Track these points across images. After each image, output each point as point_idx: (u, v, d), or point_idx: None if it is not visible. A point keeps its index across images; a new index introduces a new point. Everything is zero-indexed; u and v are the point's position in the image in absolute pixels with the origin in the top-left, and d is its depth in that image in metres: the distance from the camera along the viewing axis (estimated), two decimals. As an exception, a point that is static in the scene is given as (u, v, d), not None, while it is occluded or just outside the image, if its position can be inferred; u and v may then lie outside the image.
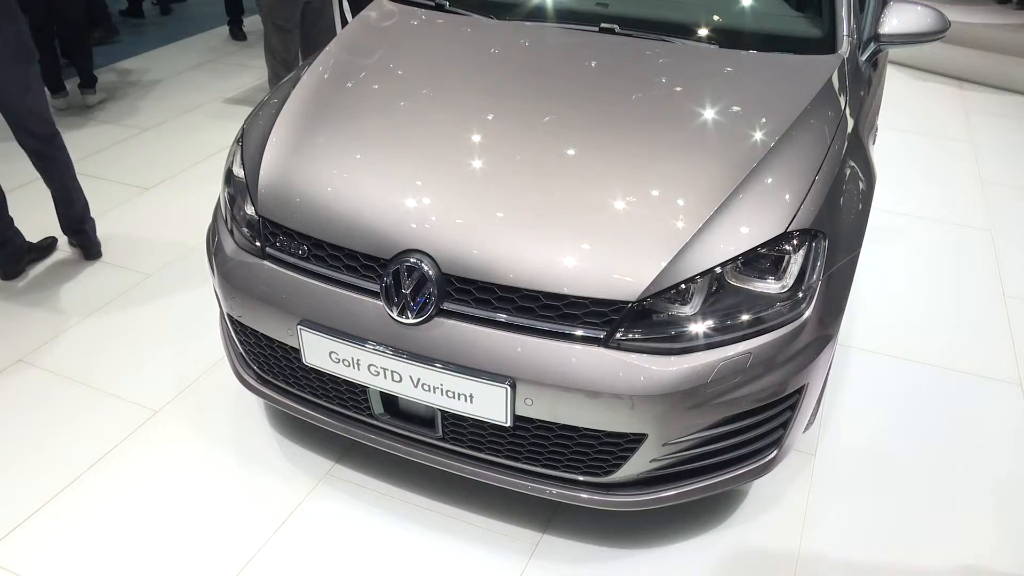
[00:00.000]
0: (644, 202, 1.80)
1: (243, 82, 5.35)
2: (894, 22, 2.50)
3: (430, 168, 1.93)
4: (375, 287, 1.83)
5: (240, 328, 2.11)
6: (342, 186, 1.93)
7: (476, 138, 2.01)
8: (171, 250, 3.36)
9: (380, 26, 2.66)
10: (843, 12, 2.42)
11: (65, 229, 3.27)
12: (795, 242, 1.77)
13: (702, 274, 1.70)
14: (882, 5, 2.69)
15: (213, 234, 2.20)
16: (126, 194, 3.83)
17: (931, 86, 5.87)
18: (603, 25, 2.41)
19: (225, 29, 6.42)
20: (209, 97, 5.02)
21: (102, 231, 3.39)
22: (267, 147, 2.11)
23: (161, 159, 4.20)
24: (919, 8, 2.53)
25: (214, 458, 2.31)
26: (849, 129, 2.13)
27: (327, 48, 2.55)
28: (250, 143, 2.18)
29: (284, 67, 3.99)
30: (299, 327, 1.88)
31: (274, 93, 2.42)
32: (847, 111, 2.17)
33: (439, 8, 2.62)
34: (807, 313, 1.78)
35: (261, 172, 2.05)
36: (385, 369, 1.82)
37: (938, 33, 2.51)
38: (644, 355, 1.70)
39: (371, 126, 2.11)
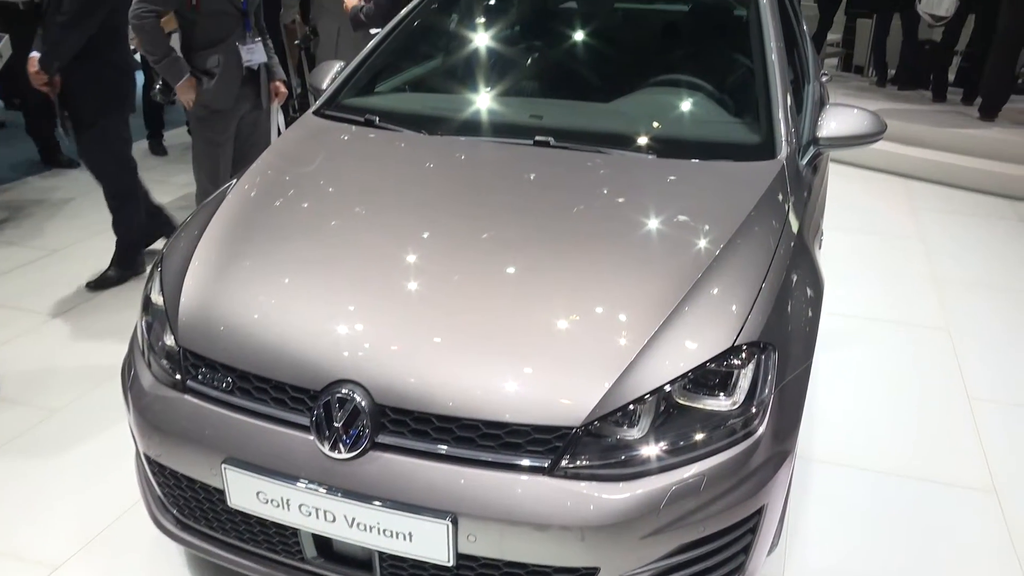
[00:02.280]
0: (587, 320, 1.87)
1: (161, 200, 5.39)
2: (832, 125, 2.68)
3: (362, 292, 1.97)
4: (305, 421, 1.84)
5: (158, 469, 2.08)
6: (269, 313, 1.96)
7: (411, 258, 2.08)
8: (80, 384, 3.30)
9: (309, 143, 2.75)
10: (780, 116, 2.58)
11: None
12: (744, 356, 1.85)
13: (649, 394, 1.76)
14: (819, 109, 2.89)
15: (129, 366, 2.19)
16: (31, 322, 3.79)
17: (878, 184, 6.21)
18: (538, 138, 2.54)
19: (144, 143, 6.51)
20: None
21: (2, 363, 3.33)
22: (188, 272, 2.14)
23: (70, 284, 4.17)
24: (855, 111, 2.72)
25: (125, 618, 2.23)
26: (793, 235, 2.25)
27: (253, 165, 2.62)
28: (170, 268, 2.21)
29: (214, 184, 4.01)
30: (223, 466, 1.87)
31: (196, 214, 2.47)
32: (790, 216, 2.29)
33: (369, 124, 2.73)
34: (761, 429, 1.83)
35: (182, 299, 2.07)
36: (317, 509, 1.81)
37: (875, 135, 2.70)
38: (592, 482, 1.72)
39: (300, 248, 2.16)
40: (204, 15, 3.74)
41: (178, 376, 2.01)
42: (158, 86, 3.93)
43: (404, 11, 3.26)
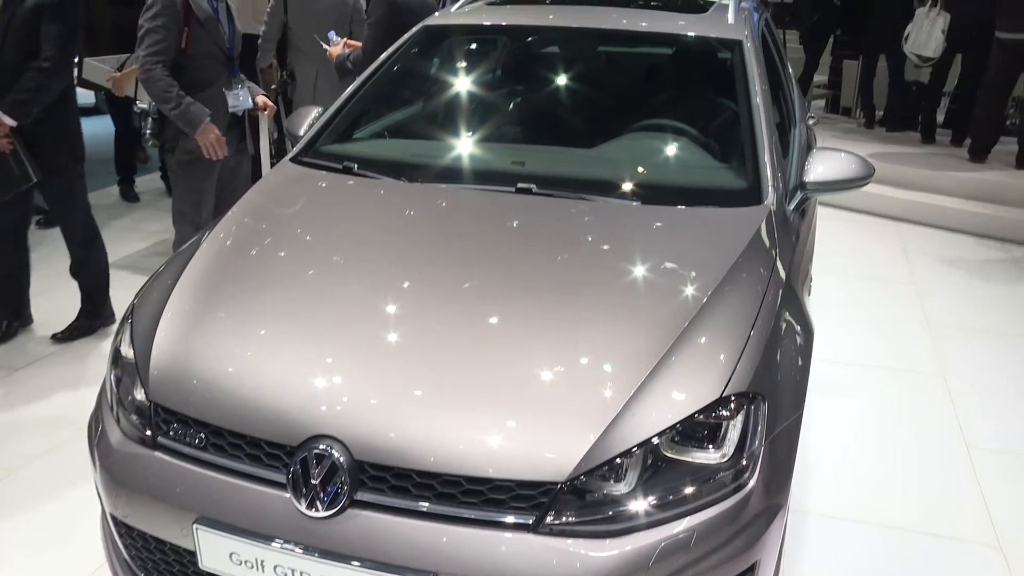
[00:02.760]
0: (571, 372, 1.89)
1: (132, 248, 5.41)
2: (819, 169, 2.74)
3: (341, 344, 1.99)
4: (281, 478, 1.83)
5: (125, 530, 2.06)
6: (244, 366, 1.97)
7: (391, 309, 2.10)
8: (42, 441, 3.27)
9: (286, 190, 2.78)
10: (766, 161, 2.64)
11: None
12: (733, 406, 1.86)
13: (636, 447, 1.77)
14: (806, 152, 2.96)
15: (96, 422, 2.18)
16: (-7, 377, 3.77)
17: (868, 228, 6.31)
18: (520, 185, 2.58)
19: (115, 189, 6.53)
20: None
21: (-38, 421, 3.31)
22: (161, 323, 2.14)
23: (34, 337, 4.16)
24: (842, 155, 2.78)
25: None
26: (782, 281, 2.29)
27: (229, 213, 2.65)
28: (141, 319, 2.21)
29: (195, 232, 4.02)
30: (195, 526, 1.86)
31: (169, 263, 2.48)
32: (778, 263, 2.33)
33: (347, 171, 2.77)
34: (752, 482, 1.84)
35: (153, 352, 2.07)
36: (294, 570, 1.80)
37: (863, 179, 2.76)
38: (579, 539, 1.72)
39: (277, 298, 2.17)
40: (192, 58, 3.81)
41: (148, 432, 2.00)
42: (148, 131, 3.96)
43: (383, 56, 3.32)
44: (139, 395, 2.06)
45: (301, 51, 5.24)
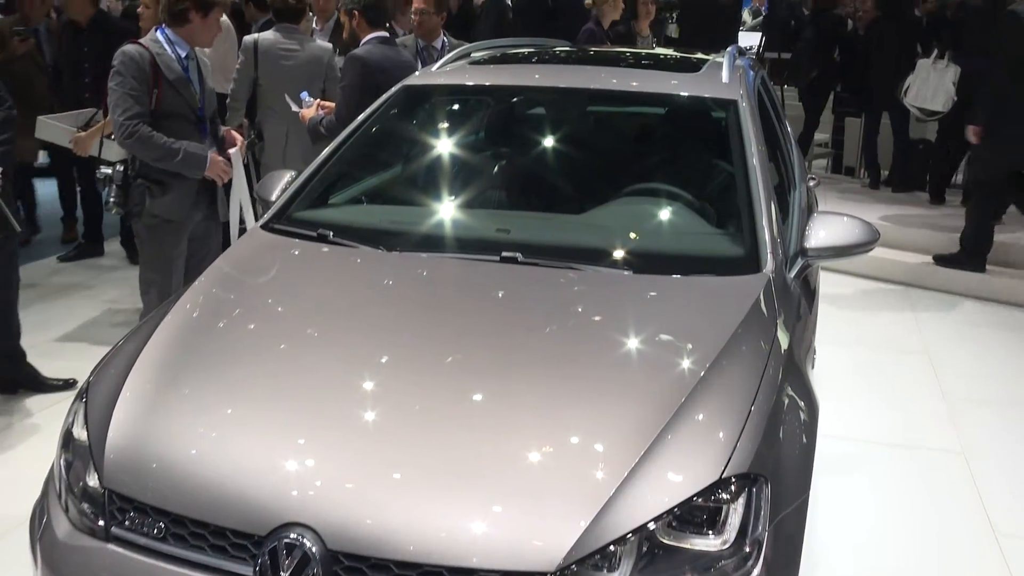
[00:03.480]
0: (561, 452, 1.90)
1: (87, 316, 5.39)
2: (821, 235, 2.78)
3: (314, 424, 1.99)
4: (248, 570, 1.82)
5: (74, 634, 2.03)
6: (209, 448, 1.96)
7: (368, 386, 2.11)
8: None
9: (256, 259, 2.82)
10: (764, 226, 2.69)
11: None
12: (733, 489, 1.87)
13: (631, 533, 1.77)
14: (807, 216, 3.01)
15: (41, 512, 2.15)
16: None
17: (876, 294, 6.37)
18: (505, 254, 2.61)
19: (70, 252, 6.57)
20: (41, 337, 4.91)
21: None
22: (119, 402, 2.13)
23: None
24: (845, 220, 2.82)
25: None
26: (783, 354, 2.32)
27: (196, 283, 2.67)
28: (97, 398, 2.20)
29: (159, 300, 3.99)
30: (153, 626, 1.84)
31: (130, 336, 2.49)
32: (779, 334, 2.37)
33: (322, 239, 2.80)
34: (756, 571, 1.84)
35: (110, 434, 2.06)
36: (260, 673, 1.78)
37: (867, 245, 2.80)
38: (571, 634, 1.72)
39: (246, 374, 2.18)
40: (160, 117, 3.85)
41: (101, 522, 1.98)
42: (112, 199, 3.97)
43: (362, 116, 3.38)
44: (92, 481, 2.04)
45: (271, 110, 5.27)
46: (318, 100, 4.75)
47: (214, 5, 3.93)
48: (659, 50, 5.40)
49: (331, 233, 2.80)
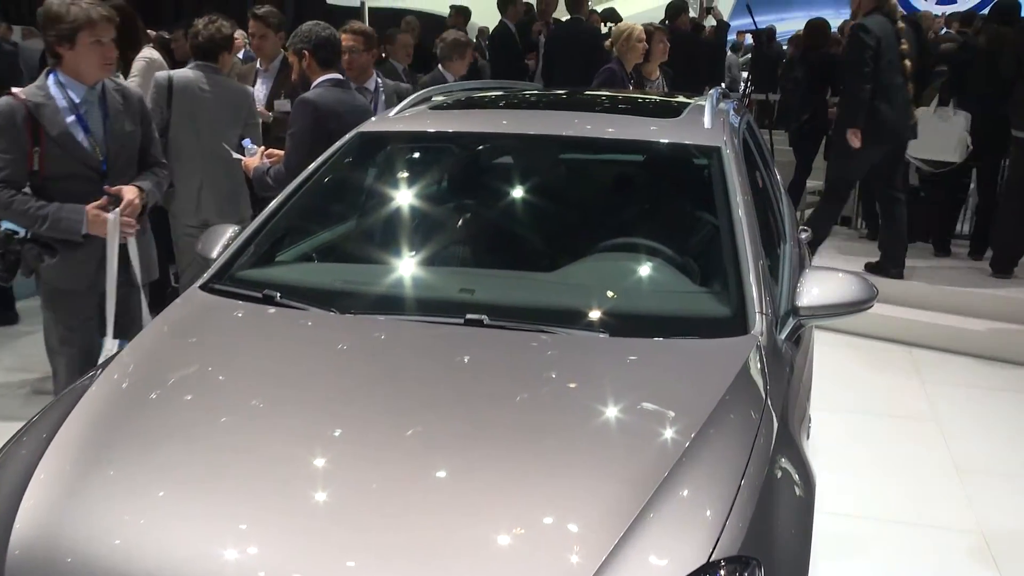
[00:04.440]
0: (533, 534, 1.90)
1: None
2: (814, 292, 2.82)
3: (258, 506, 1.98)
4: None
5: None
6: (135, 538, 1.93)
7: (319, 463, 2.10)
8: None
9: (195, 323, 2.81)
10: (752, 283, 2.72)
11: None
12: (722, 574, 1.88)
13: (611, 624, 1.77)
14: (798, 272, 3.05)
15: None
16: None
17: (877, 354, 6.40)
18: (469, 316, 2.63)
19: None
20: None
21: None
22: (30, 487, 2.08)
23: None
24: (840, 276, 2.87)
25: None
26: (775, 422, 2.34)
27: (124, 351, 2.66)
28: (3, 483, 2.15)
29: (70, 371, 3.90)
30: None
31: (44, 413, 2.44)
32: (770, 401, 2.39)
33: (268, 300, 2.80)
34: (751, 668, 1.85)
35: (17, 525, 2.00)
36: None
37: (864, 303, 2.83)
38: None
39: (181, 451, 2.16)
40: (49, 179, 3.66)
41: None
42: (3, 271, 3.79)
43: (313, 166, 3.40)
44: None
45: (183, 155, 5.06)
46: (263, 148, 4.73)
47: (78, 30, 3.59)
48: (637, 93, 5.50)
49: (278, 294, 2.80)
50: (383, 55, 7.63)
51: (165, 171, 4.15)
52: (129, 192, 3.79)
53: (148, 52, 5.76)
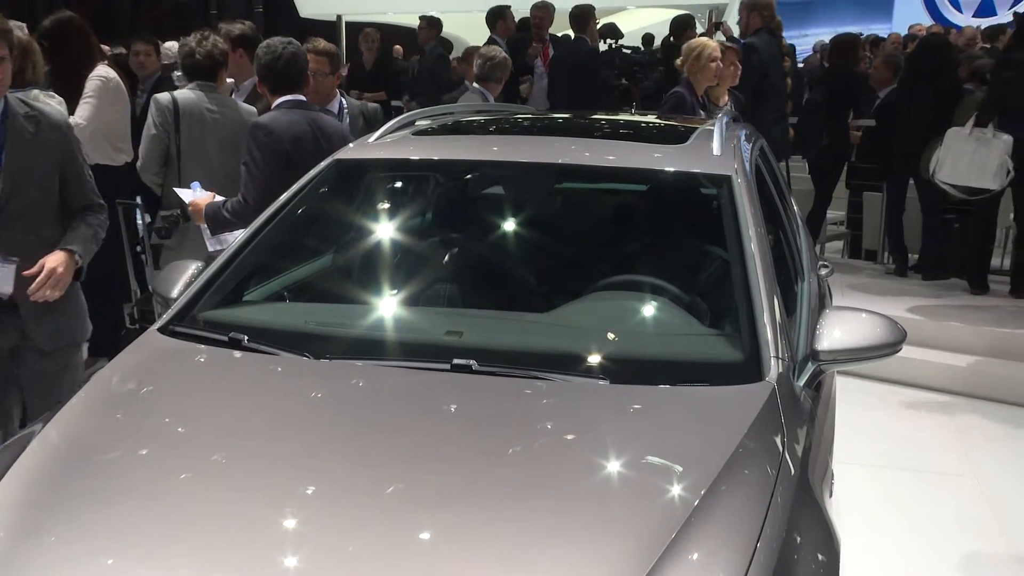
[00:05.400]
0: (526, 604, 1.90)
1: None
2: (835, 335, 2.84)
3: (221, 574, 1.97)
4: None
5: None
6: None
7: (289, 524, 2.10)
8: None
9: (151, 369, 2.81)
10: (766, 324, 2.73)
11: None
12: (737, 648, 1.89)
13: None
14: (818, 313, 3.06)
15: None
16: None
17: (908, 403, 6.35)
18: (456, 361, 2.64)
19: None
20: None
21: None
22: None
23: None
24: (863, 316, 2.89)
25: None
26: (793, 479, 2.34)
27: (69, 403, 2.63)
28: None
29: None
30: None
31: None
32: (787, 455, 2.39)
33: (235, 344, 2.80)
34: None
35: None
36: None
37: (891, 347, 2.85)
38: None
39: (134, 514, 2.14)
40: None
41: None
42: None
43: (284, 196, 3.41)
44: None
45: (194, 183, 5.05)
46: (213, 192, 4.68)
47: None
48: (640, 117, 5.52)
49: (246, 337, 2.81)
50: None
51: (103, 215, 3.82)
52: (53, 260, 3.47)
53: (103, 70, 5.75)
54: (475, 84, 6.93)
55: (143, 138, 5.23)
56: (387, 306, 3.10)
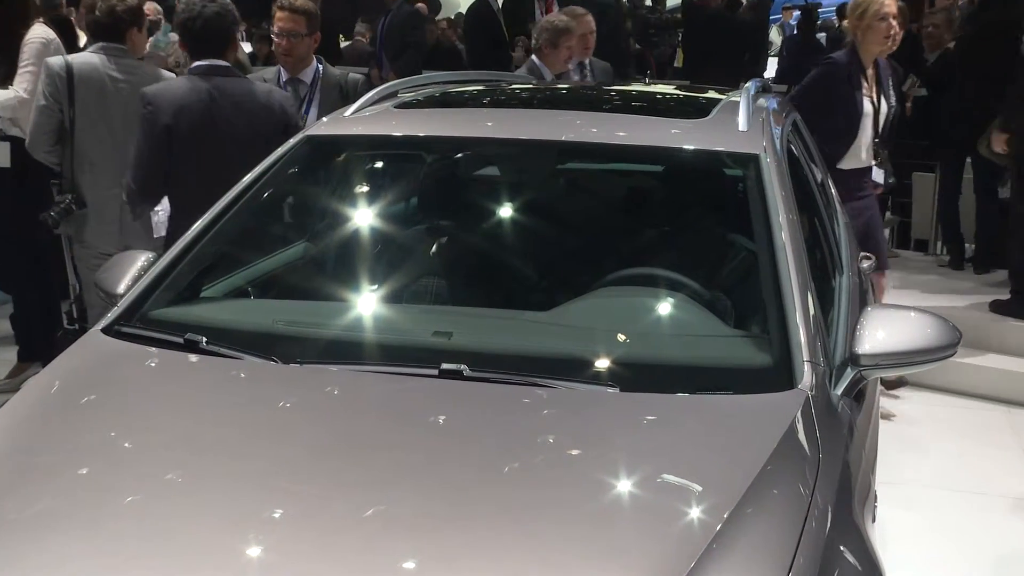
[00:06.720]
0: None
1: None
2: (879, 336, 2.82)
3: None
4: None
5: None
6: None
7: (253, 552, 2.10)
8: None
9: (94, 375, 2.81)
10: (799, 324, 2.72)
11: None
12: None
13: None
14: (859, 311, 3.06)
15: None
16: None
17: (962, 415, 6.33)
18: (445, 366, 2.64)
19: None
20: None
21: None
22: None
23: None
24: (911, 315, 2.89)
25: None
26: (831, 500, 2.34)
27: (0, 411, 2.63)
28: None
29: None
30: None
31: None
32: (823, 474, 2.39)
33: (191, 347, 2.79)
34: None
35: None
36: None
37: (944, 350, 2.83)
38: None
39: (73, 543, 2.12)
40: None
41: None
42: None
43: (248, 178, 3.39)
44: None
45: (89, 163, 5.06)
46: None
47: None
48: (654, 87, 5.49)
49: (204, 338, 2.80)
50: None
51: None
52: None
53: (41, 31, 5.63)
54: (533, 57, 6.78)
55: (32, 110, 5.10)
56: (366, 303, 3.10)
